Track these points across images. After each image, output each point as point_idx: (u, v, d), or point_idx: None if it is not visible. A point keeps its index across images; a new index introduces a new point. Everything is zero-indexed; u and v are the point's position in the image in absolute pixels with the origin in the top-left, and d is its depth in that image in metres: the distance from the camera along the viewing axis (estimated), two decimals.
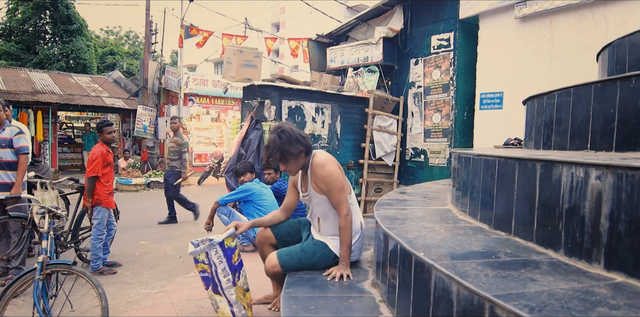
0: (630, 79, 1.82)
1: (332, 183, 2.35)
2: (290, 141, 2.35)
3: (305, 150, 2.40)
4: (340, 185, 2.38)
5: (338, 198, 2.36)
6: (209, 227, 4.46)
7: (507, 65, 5.05)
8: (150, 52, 14.17)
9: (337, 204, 2.37)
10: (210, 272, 2.47)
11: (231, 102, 14.56)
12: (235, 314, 2.51)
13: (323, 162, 2.38)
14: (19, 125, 4.58)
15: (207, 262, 2.46)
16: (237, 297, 2.52)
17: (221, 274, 2.47)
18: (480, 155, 2.13)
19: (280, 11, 20.09)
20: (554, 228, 1.54)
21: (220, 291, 2.49)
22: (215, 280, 2.48)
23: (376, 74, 6.28)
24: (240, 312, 2.52)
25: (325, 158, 2.42)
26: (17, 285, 2.56)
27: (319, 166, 2.38)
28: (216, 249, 2.46)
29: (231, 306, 2.50)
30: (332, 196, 2.37)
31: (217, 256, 2.46)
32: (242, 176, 4.47)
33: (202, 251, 2.44)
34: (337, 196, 2.36)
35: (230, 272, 2.51)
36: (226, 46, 6.47)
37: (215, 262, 2.45)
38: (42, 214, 2.71)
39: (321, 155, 2.45)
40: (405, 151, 6.38)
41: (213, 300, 2.54)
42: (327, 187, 2.37)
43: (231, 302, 2.49)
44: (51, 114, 13.30)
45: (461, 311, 1.24)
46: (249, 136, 5.25)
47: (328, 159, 2.42)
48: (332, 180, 2.36)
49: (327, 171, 2.36)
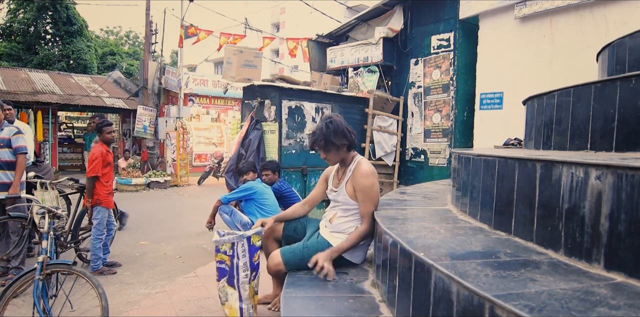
0: (630, 79, 1.82)
1: (370, 195, 2.41)
2: (336, 132, 2.41)
3: (348, 144, 2.47)
4: (376, 199, 2.44)
5: (369, 210, 2.42)
6: (210, 226, 4.45)
7: (507, 65, 5.05)
8: (150, 52, 14.17)
9: (365, 214, 2.42)
10: (230, 264, 2.45)
11: (231, 102, 14.57)
12: (244, 310, 2.49)
13: (369, 173, 2.43)
14: (22, 125, 4.59)
15: (230, 253, 2.45)
16: (249, 295, 2.51)
17: (242, 268, 2.46)
18: (480, 155, 2.13)
19: (280, 11, 20.11)
20: (554, 228, 1.54)
21: (236, 284, 2.47)
22: (233, 272, 2.46)
23: (376, 74, 6.29)
24: (249, 310, 2.51)
25: (371, 170, 2.46)
26: (17, 285, 2.56)
27: (364, 176, 2.41)
28: (244, 242, 2.45)
29: (241, 301, 2.48)
30: (365, 206, 2.42)
31: (243, 249, 2.45)
32: (245, 175, 4.47)
33: (229, 241, 2.43)
34: (369, 207, 2.42)
35: (249, 269, 2.50)
36: (226, 46, 6.46)
37: (239, 254, 2.44)
38: (42, 214, 2.71)
39: (367, 166, 2.47)
40: (405, 151, 6.38)
41: (223, 293, 2.51)
42: (363, 198, 2.41)
43: (242, 297, 2.48)
44: (51, 114, 13.31)
45: (461, 311, 1.24)
46: (249, 136, 5.25)
47: (373, 172, 2.46)
48: (372, 192, 2.41)
49: (370, 182, 2.41)
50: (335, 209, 2.58)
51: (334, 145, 2.42)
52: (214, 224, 4.44)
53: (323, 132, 2.41)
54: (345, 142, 2.44)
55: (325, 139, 2.41)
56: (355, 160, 2.53)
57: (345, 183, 2.48)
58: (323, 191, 2.70)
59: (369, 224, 2.39)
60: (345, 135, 2.44)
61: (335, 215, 2.56)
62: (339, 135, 2.41)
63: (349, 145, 2.48)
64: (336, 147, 2.44)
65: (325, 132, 2.41)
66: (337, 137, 2.41)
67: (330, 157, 2.50)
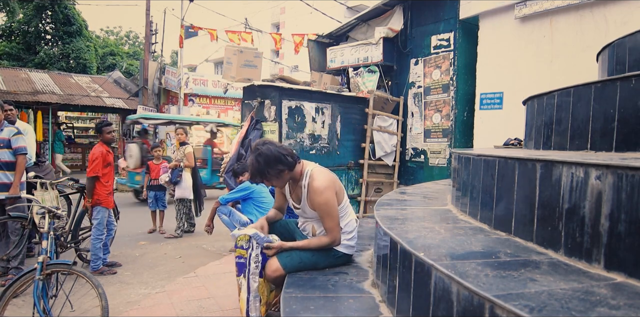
0: (630, 79, 1.82)
1: (327, 211, 2.37)
2: (268, 162, 2.34)
3: (287, 168, 2.40)
4: (335, 213, 2.39)
5: (329, 225, 2.40)
6: (210, 229, 4.45)
7: (507, 65, 5.05)
8: (151, 52, 14.17)
9: (329, 229, 2.41)
10: (247, 256, 2.45)
11: (231, 102, 14.57)
12: (250, 303, 2.45)
13: (321, 189, 2.35)
14: (23, 125, 4.59)
15: (247, 246, 2.44)
16: (260, 289, 2.48)
17: (253, 259, 2.43)
18: (480, 155, 2.13)
19: (280, 11, 20.08)
20: (554, 228, 1.54)
21: (247, 274, 2.45)
22: (247, 263, 2.45)
23: (376, 74, 6.28)
24: (255, 303, 2.47)
25: (323, 185, 2.37)
26: (17, 285, 2.56)
27: (317, 193, 2.36)
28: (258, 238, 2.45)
29: (249, 293, 2.45)
30: (325, 222, 2.41)
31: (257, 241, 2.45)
32: (241, 176, 4.47)
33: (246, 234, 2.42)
34: (328, 222, 2.39)
35: (261, 263, 2.46)
36: (226, 46, 6.45)
37: (254, 246, 2.43)
38: (42, 214, 2.71)
39: (319, 181, 2.38)
40: (405, 151, 6.37)
41: (240, 285, 2.50)
42: (322, 214, 2.39)
43: (251, 289, 2.45)
44: (51, 114, 13.30)
45: (461, 311, 1.24)
46: (249, 136, 5.24)
47: (325, 187, 2.36)
48: (328, 208, 2.37)
49: (324, 199, 2.35)
50: (309, 222, 2.59)
51: (272, 175, 2.38)
52: (212, 227, 4.43)
53: (256, 168, 2.36)
54: (283, 167, 2.37)
55: (261, 172, 2.36)
56: (306, 173, 2.46)
57: (305, 199, 2.47)
58: (285, 198, 2.68)
59: (332, 237, 2.40)
60: (280, 161, 2.35)
61: (313, 228, 2.57)
62: (272, 164, 2.34)
63: (288, 167, 2.40)
64: (275, 175, 2.39)
65: (258, 167, 2.35)
66: (271, 167, 2.34)
67: (276, 184, 2.48)
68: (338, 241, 2.42)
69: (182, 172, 5.72)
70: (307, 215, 2.55)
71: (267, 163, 2.34)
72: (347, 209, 2.55)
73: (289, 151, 2.44)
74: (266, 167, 2.34)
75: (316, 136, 5.60)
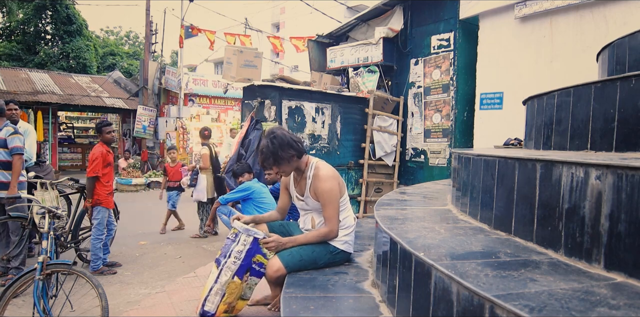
0: (630, 79, 1.82)
1: (330, 198, 2.44)
2: (282, 146, 2.43)
3: (297, 154, 2.48)
4: (337, 202, 2.47)
5: (330, 213, 2.46)
6: (210, 230, 4.44)
7: (507, 65, 5.05)
8: (151, 52, 14.17)
9: (329, 218, 2.46)
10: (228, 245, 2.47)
11: (231, 102, 14.56)
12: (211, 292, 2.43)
13: (328, 177, 2.46)
14: (25, 126, 4.59)
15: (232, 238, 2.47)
16: (231, 287, 2.44)
17: (234, 254, 2.43)
18: (480, 155, 2.13)
19: (280, 11, 20.08)
20: (554, 228, 1.54)
21: (222, 265, 2.44)
22: (225, 253, 2.45)
23: (376, 74, 6.28)
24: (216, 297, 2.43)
25: (330, 174, 2.49)
26: (17, 285, 2.56)
27: (323, 179, 2.46)
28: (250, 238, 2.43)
29: (216, 282, 2.43)
30: (326, 209, 2.47)
31: (245, 242, 2.43)
32: (240, 177, 4.47)
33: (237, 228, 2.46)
34: (330, 210, 2.45)
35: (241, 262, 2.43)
36: (226, 46, 6.45)
37: (240, 241, 2.43)
38: (42, 214, 2.71)
39: (326, 170, 2.50)
40: (405, 151, 6.37)
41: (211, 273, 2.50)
42: (324, 202, 2.46)
43: (219, 280, 2.42)
44: (51, 114, 13.31)
45: (461, 311, 1.24)
46: (249, 136, 5.24)
47: (330, 176, 2.47)
48: (331, 196, 2.44)
49: (329, 186, 2.44)
50: (309, 214, 2.64)
51: (283, 158, 2.45)
52: (213, 227, 4.41)
53: (270, 150, 2.43)
54: (294, 153, 2.46)
55: (274, 155, 2.43)
56: (311, 165, 2.56)
57: (309, 190, 2.53)
58: (289, 197, 2.74)
59: (331, 226, 2.45)
60: (292, 146, 2.45)
61: (312, 219, 2.61)
62: (285, 147, 2.43)
63: (298, 154, 2.49)
64: (286, 159, 2.46)
65: (272, 149, 2.43)
66: (284, 150, 2.43)
67: (284, 169, 2.52)
68: (336, 232, 2.47)
69: (197, 175, 5.65)
70: (309, 206, 2.59)
71: (281, 146, 2.43)
72: (346, 204, 2.60)
73: (299, 139, 2.56)
74: (280, 150, 2.42)
75: (316, 136, 5.60)
